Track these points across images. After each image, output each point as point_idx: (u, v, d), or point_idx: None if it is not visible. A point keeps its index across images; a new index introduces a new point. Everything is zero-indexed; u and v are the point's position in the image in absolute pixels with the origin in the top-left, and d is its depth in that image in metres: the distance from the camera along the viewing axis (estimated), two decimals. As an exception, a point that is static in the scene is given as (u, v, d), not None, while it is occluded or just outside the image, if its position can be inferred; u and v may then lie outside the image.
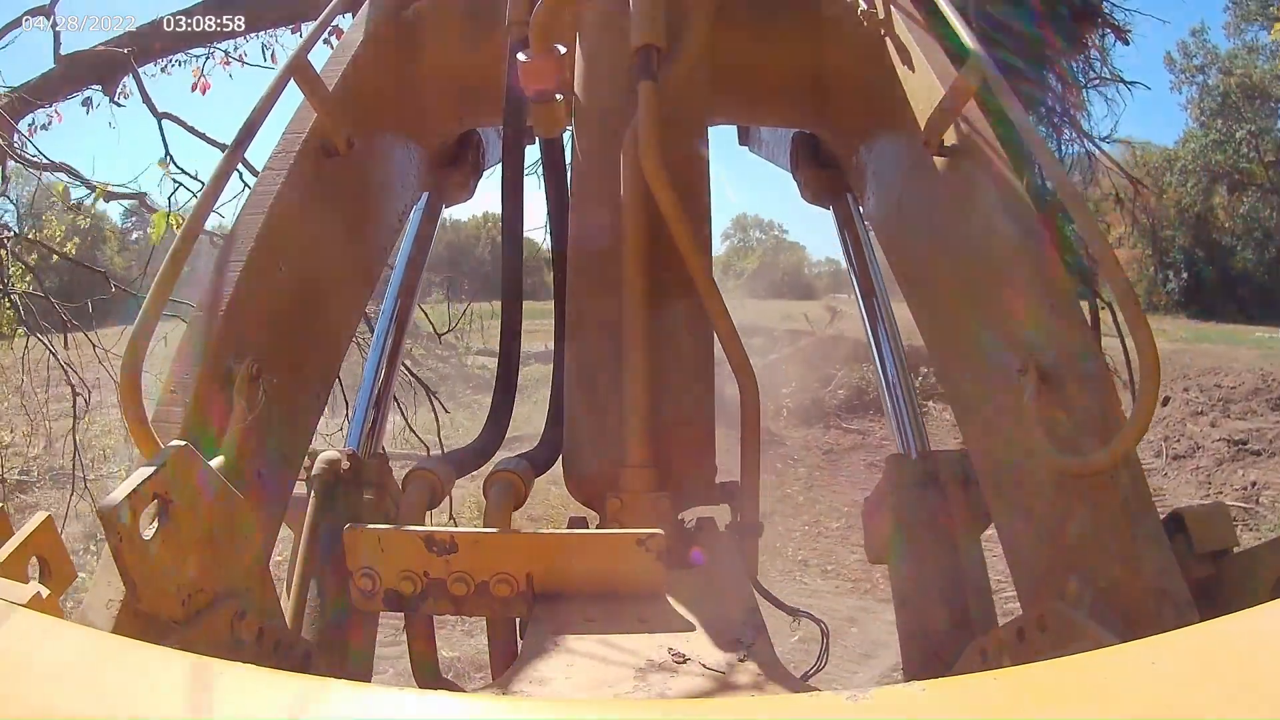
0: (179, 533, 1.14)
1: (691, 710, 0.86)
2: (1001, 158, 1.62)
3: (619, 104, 1.80)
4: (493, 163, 2.51)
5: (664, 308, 1.70)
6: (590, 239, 1.80)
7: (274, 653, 1.32)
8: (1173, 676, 0.70)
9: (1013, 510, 1.55)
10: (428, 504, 1.70)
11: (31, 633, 0.83)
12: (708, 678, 1.12)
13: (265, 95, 1.53)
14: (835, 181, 2.41)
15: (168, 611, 1.12)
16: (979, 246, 1.60)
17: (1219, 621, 0.84)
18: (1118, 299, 1.23)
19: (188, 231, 1.40)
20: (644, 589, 1.34)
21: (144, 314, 1.31)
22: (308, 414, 1.74)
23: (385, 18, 2.02)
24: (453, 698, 0.79)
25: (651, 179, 1.61)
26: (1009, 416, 1.48)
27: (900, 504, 1.94)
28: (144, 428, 1.28)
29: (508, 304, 2.12)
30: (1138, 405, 1.17)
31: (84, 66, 6.50)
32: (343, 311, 1.91)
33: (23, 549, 1.20)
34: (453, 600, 1.35)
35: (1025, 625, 1.30)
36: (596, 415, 1.74)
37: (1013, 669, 0.96)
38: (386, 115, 2.05)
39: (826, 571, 8.79)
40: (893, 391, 2.28)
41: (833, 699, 0.71)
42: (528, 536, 1.38)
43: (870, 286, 2.41)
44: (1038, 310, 1.45)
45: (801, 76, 2.19)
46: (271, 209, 1.59)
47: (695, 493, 1.76)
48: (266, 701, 0.73)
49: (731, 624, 1.28)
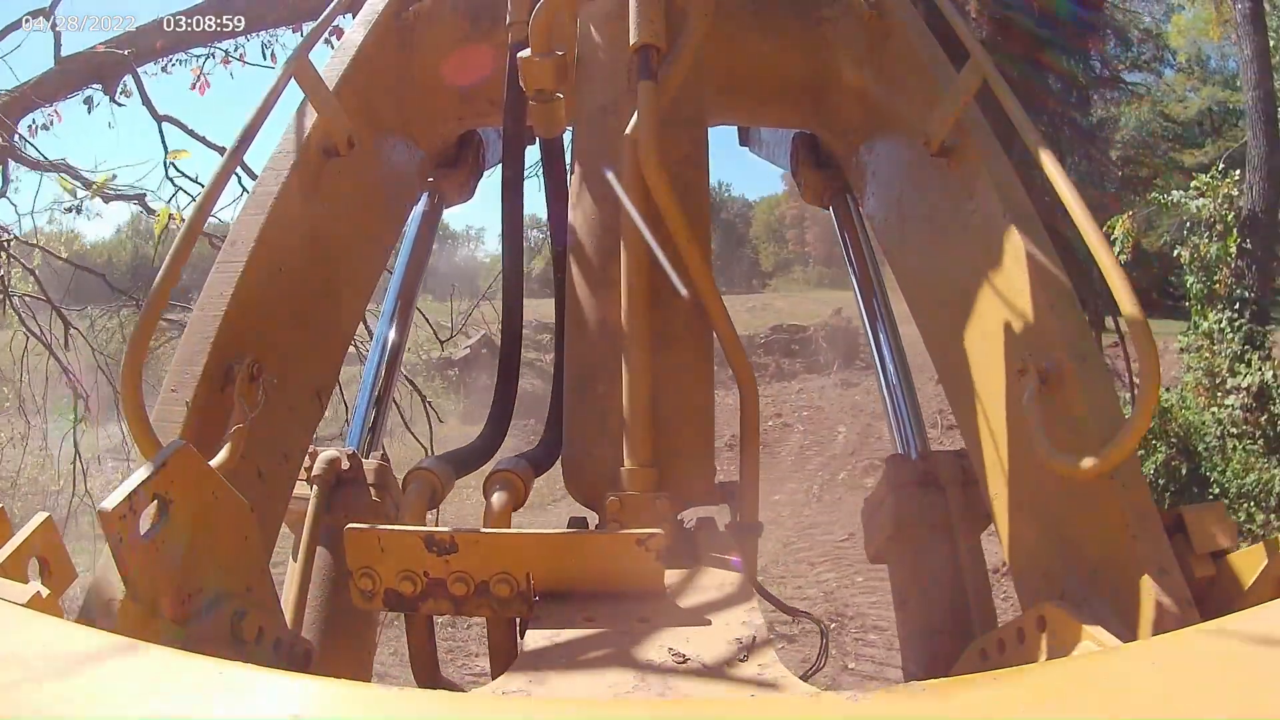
0: (179, 533, 1.14)
1: (691, 710, 0.86)
2: (1001, 158, 1.62)
3: (619, 104, 1.80)
4: (493, 163, 2.51)
5: (664, 308, 1.70)
6: (590, 239, 1.80)
7: (274, 653, 1.32)
8: (1173, 676, 0.70)
9: (1013, 510, 1.55)
10: (428, 504, 1.70)
11: (31, 633, 0.83)
12: (708, 678, 1.12)
13: (266, 96, 1.53)
14: (835, 182, 2.41)
15: (168, 611, 1.12)
16: (979, 246, 1.60)
17: (1219, 621, 0.84)
18: (1118, 300, 1.23)
19: (187, 232, 1.40)
20: (644, 589, 1.34)
21: (144, 314, 1.31)
22: (308, 414, 1.74)
23: (386, 18, 2.02)
24: (453, 698, 0.79)
25: (651, 179, 1.61)
26: (1009, 416, 1.48)
27: (900, 504, 1.94)
28: (144, 428, 1.28)
29: (508, 304, 2.12)
30: (1137, 406, 1.17)
31: (83, 67, 6.50)
32: (343, 311, 1.91)
33: (23, 549, 1.20)
34: (453, 600, 1.35)
35: (1025, 625, 1.30)
36: (596, 415, 1.74)
37: (1013, 669, 0.96)
38: (387, 116, 2.05)
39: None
40: (893, 392, 2.28)
41: (833, 699, 0.71)
42: (528, 536, 1.38)
43: (870, 287, 2.41)
44: (1038, 310, 1.45)
45: (801, 77, 2.19)
46: (272, 209, 1.59)
47: (695, 493, 1.76)
48: (266, 701, 0.73)
49: (731, 624, 1.28)
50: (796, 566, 8.93)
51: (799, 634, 6.40)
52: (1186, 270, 9.52)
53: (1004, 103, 1.48)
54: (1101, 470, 1.21)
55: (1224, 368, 9.17)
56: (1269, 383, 8.91)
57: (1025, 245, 1.49)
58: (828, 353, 17.39)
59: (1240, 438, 8.95)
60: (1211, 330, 9.32)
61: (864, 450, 12.75)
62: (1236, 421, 8.99)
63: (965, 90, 1.61)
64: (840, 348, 17.45)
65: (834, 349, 17.44)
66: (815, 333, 17.93)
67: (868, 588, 8.32)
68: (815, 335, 17.85)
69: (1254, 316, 9.42)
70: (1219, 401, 9.07)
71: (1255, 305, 9.50)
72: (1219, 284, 9.39)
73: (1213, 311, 9.34)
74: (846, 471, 11.98)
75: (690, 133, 1.85)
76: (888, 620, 7.52)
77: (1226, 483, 8.68)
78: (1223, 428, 9.02)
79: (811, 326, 18.28)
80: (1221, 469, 8.80)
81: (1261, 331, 9.35)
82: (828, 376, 16.57)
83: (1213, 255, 9.36)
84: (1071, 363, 1.37)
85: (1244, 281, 9.56)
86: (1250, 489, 8.58)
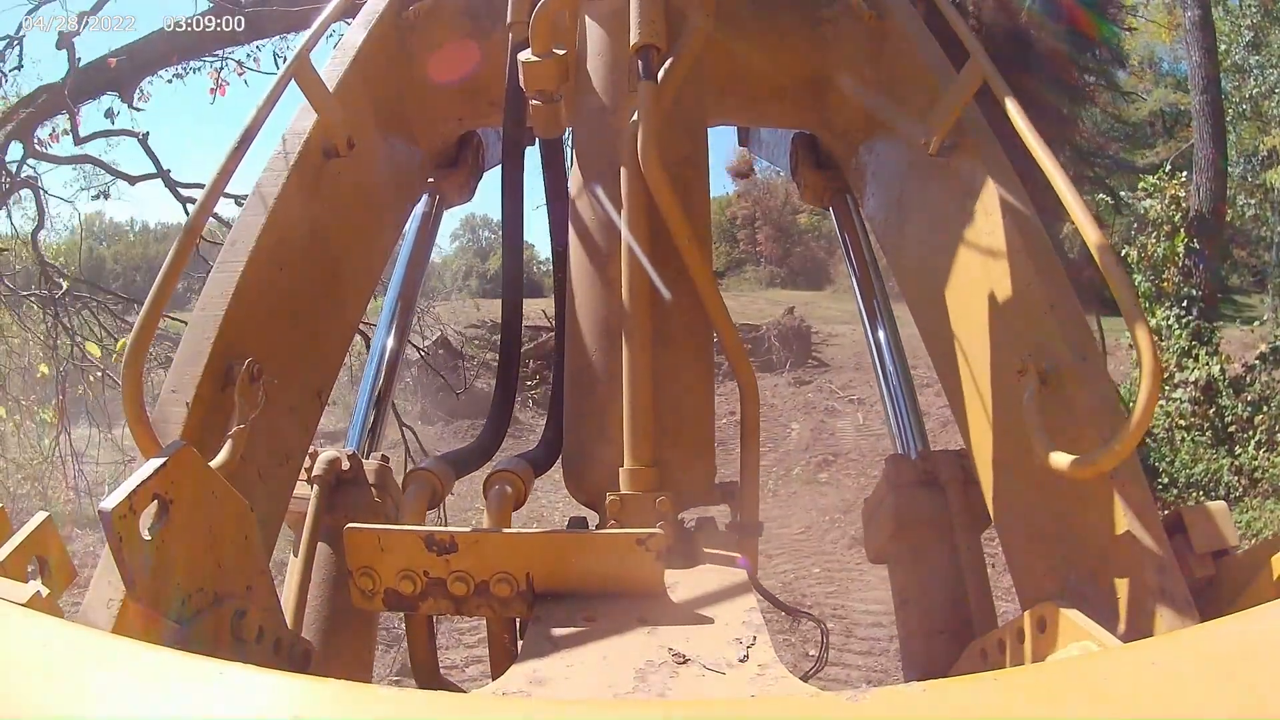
0: (179, 533, 1.14)
1: (691, 710, 0.86)
2: (1001, 158, 1.63)
3: (619, 104, 1.80)
4: (493, 164, 2.52)
5: (664, 308, 1.70)
6: (590, 239, 1.80)
7: (274, 653, 1.32)
8: (1173, 676, 0.70)
9: (1013, 510, 1.55)
10: (428, 504, 1.70)
11: (31, 633, 0.83)
12: (708, 678, 1.12)
13: (266, 97, 1.53)
14: (835, 182, 2.41)
15: (168, 611, 1.12)
16: (978, 246, 1.60)
17: (1219, 621, 0.84)
18: (1119, 300, 1.23)
19: (188, 233, 1.40)
20: (644, 589, 1.34)
21: (144, 315, 1.31)
22: (308, 414, 1.74)
23: (386, 19, 2.02)
24: (453, 698, 0.79)
25: (651, 179, 1.61)
26: (1009, 416, 1.48)
27: (900, 504, 1.94)
28: (144, 428, 1.28)
29: (508, 305, 2.12)
30: (1138, 405, 1.17)
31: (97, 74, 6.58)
32: (343, 312, 1.91)
33: (23, 549, 1.20)
34: (453, 600, 1.35)
35: (1025, 625, 1.30)
36: (596, 415, 1.74)
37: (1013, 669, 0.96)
38: (387, 116, 2.05)
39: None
40: (892, 392, 2.28)
41: (833, 699, 0.71)
42: (528, 536, 1.38)
43: (870, 287, 2.41)
44: (1038, 310, 1.45)
45: (801, 77, 2.19)
46: (272, 209, 1.59)
47: (695, 493, 1.76)
48: (266, 701, 0.73)
49: (731, 624, 1.28)
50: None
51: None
52: (1135, 269, 9.71)
53: (1004, 103, 1.48)
54: (1101, 470, 1.21)
55: (1171, 363, 9.42)
56: (1215, 377, 9.19)
57: (1025, 245, 1.49)
58: (780, 351, 17.44)
59: (1189, 429, 9.29)
60: (1160, 327, 9.53)
61: (817, 446, 13.02)
62: (1184, 415, 9.32)
63: (965, 90, 1.61)
64: (792, 346, 17.60)
65: (786, 348, 17.56)
66: (768, 331, 17.92)
67: (824, 578, 8.49)
68: (768, 334, 17.86)
69: (1201, 314, 9.62)
70: (1167, 395, 9.36)
71: (1203, 303, 9.69)
72: (1166, 282, 9.61)
73: (1160, 309, 9.57)
74: (800, 467, 12.19)
75: (690, 133, 1.85)
76: (845, 609, 7.70)
77: (1175, 473, 9.07)
78: (1170, 420, 9.33)
79: (764, 325, 18.28)
80: (1170, 460, 9.16)
81: (1209, 328, 9.58)
82: (780, 375, 16.72)
83: (1160, 255, 9.57)
84: (1071, 363, 1.37)
85: (1192, 280, 9.74)
86: (1199, 478, 9.00)
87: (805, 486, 11.56)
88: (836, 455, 12.51)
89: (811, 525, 10.03)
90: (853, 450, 12.65)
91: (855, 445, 12.84)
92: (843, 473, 11.92)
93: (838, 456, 12.47)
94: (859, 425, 13.67)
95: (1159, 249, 9.59)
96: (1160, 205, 9.57)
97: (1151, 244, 9.63)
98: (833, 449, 12.83)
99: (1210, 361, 9.29)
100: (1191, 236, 9.82)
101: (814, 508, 10.59)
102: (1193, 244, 9.84)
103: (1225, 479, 8.90)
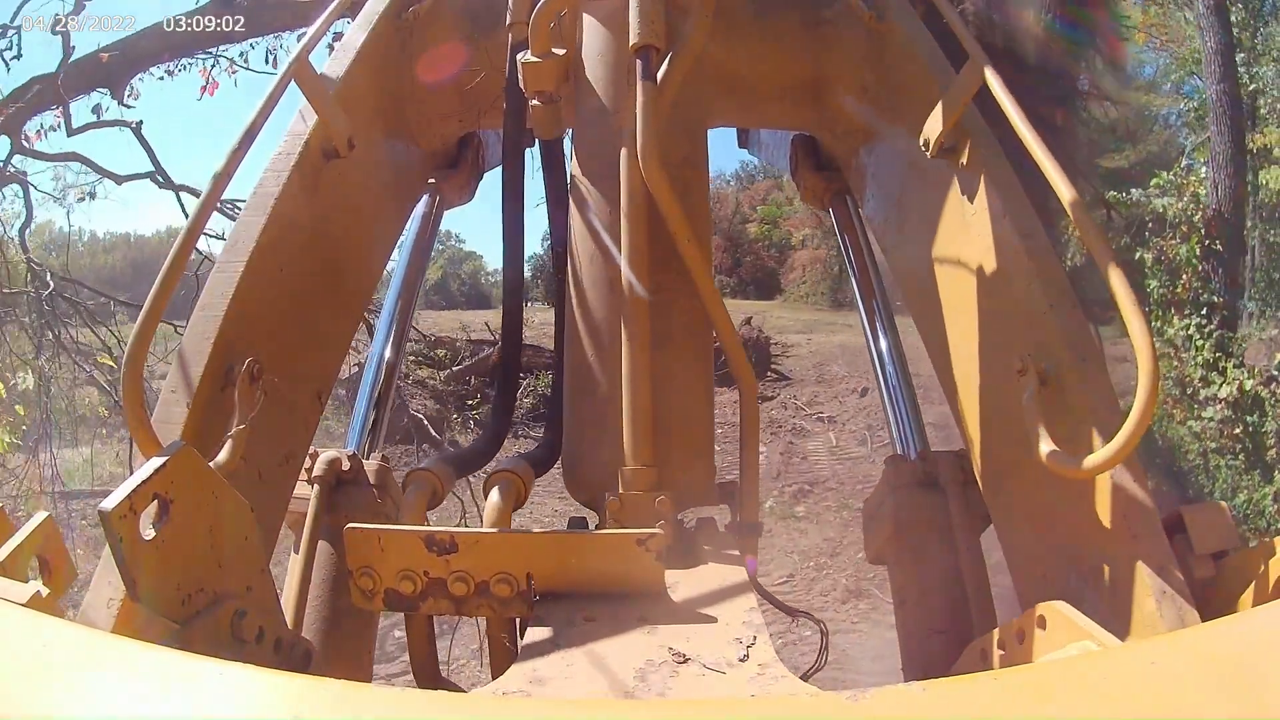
0: (179, 533, 1.14)
1: (691, 710, 0.86)
2: (1001, 158, 1.63)
3: (619, 104, 1.80)
4: (493, 164, 2.52)
5: (664, 308, 1.70)
6: (590, 239, 1.80)
7: (274, 653, 1.32)
8: (1173, 676, 0.70)
9: (1013, 510, 1.55)
10: (428, 504, 1.70)
11: (32, 633, 0.83)
12: (708, 678, 1.12)
13: (266, 97, 1.53)
14: (834, 183, 2.41)
15: (168, 611, 1.12)
16: (978, 247, 1.60)
17: (1219, 622, 0.84)
18: (1118, 300, 1.23)
19: (187, 234, 1.40)
20: (644, 588, 1.34)
21: (144, 316, 1.31)
22: (308, 414, 1.74)
23: (385, 19, 2.02)
24: (452, 698, 0.79)
25: (651, 179, 1.61)
26: (1009, 416, 1.48)
27: (900, 504, 1.94)
28: (145, 428, 1.28)
29: (508, 307, 2.12)
30: (1136, 405, 1.17)
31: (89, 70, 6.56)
32: (343, 312, 1.91)
33: (23, 549, 1.20)
34: (453, 600, 1.35)
35: (1025, 625, 1.30)
36: (596, 415, 1.74)
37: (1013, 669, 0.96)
38: (387, 117, 2.05)
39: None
40: (892, 393, 2.28)
41: (833, 699, 0.71)
42: (528, 536, 1.38)
43: (870, 288, 2.41)
44: (1038, 310, 1.45)
45: (801, 79, 2.19)
46: (272, 210, 1.59)
47: (695, 493, 1.76)
48: (266, 701, 0.73)
49: (731, 624, 1.28)
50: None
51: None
52: (1148, 274, 8.96)
53: (1004, 103, 1.48)
54: (1101, 470, 1.21)
55: (1196, 377, 8.59)
56: (1245, 392, 8.30)
57: (1025, 245, 1.49)
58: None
59: (1221, 453, 8.41)
60: (1176, 338, 8.75)
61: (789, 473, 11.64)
62: (1214, 435, 8.45)
63: (965, 91, 1.61)
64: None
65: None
66: (726, 343, 17.55)
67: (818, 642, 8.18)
68: (725, 346, 17.50)
69: (1223, 323, 8.86)
70: (1195, 414, 8.55)
71: (1224, 310, 8.91)
72: (1183, 288, 8.87)
73: (1177, 318, 8.79)
74: (774, 499, 10.74)
75: (690, 134, 1.85)
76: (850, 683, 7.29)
77: (1217, 506, 8.25)
78: (1202, 443, 8.51)
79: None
80: (1209, 490, 8.28)
81: (1234, 338, 8.83)
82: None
83: (1182, 257, 8.83)
84: (1071, 363, 1.37)
85: (1210, 285, 8.96)
86: (1242, 510, 7.91)
87: (782, 524, 10.05)
88: (813, 484, 11.22)
89: (795, 573, 8.82)
90: (830, 478, 11.41)
91: (832, 471, 11.61)
92: (822, 504, 10.58)
93: (814, 485, 11.19)
94: (832, 447, 12.56)
95: (1180, 251, 8.80)
96: (1179, 204, 8.83)
97: (1170, 246, 8.87)
98: (808, 476, 11.55)
99: (1239, 374, 8.35)
100: (1211, 238, 9.03)
101: (795, 550, 9.32)
102: (1213, 245, 9.02)
103: (1268, 509, 7.82)
